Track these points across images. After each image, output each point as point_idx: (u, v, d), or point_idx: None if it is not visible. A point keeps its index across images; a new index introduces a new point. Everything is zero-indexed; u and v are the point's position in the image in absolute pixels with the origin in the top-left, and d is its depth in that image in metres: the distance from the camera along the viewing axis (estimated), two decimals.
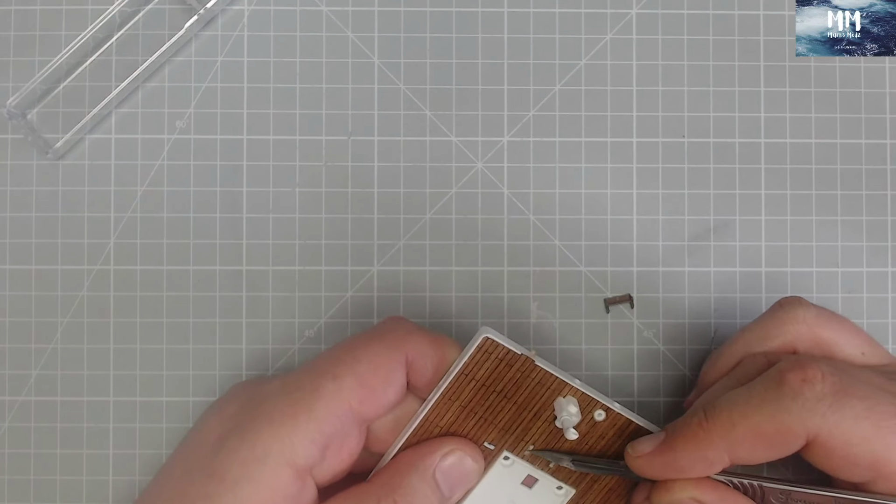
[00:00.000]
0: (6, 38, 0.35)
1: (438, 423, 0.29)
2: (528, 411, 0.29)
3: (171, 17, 0.35)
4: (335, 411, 0.27)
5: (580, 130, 0.35)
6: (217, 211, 0.34)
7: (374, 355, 0.28)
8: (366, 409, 0.27)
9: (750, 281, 0.35)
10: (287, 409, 0.27)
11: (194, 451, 0.27)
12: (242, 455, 0.26)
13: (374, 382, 0.27)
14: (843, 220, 0.35)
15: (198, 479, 0.26)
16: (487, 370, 0.28)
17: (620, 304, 0.34)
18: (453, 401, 0.29)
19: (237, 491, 0.26)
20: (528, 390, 0.29)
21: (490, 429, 0.29)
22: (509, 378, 0.28)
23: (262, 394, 0.28)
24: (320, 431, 0.26)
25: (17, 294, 0.34)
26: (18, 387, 0.34)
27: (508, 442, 0.29)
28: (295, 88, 0.35)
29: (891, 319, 0.35)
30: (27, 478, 0.34)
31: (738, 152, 0.35)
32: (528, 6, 0.35)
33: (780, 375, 0.27)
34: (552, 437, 0.29)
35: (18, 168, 0.35)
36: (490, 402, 0.29)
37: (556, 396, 0.29)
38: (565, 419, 0.28)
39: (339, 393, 0.27)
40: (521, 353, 0.28)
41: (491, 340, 0.28)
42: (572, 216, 0.35)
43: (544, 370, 0.28)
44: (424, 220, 0.35)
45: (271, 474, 0.26)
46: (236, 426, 0.27)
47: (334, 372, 0.27)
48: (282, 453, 0.26)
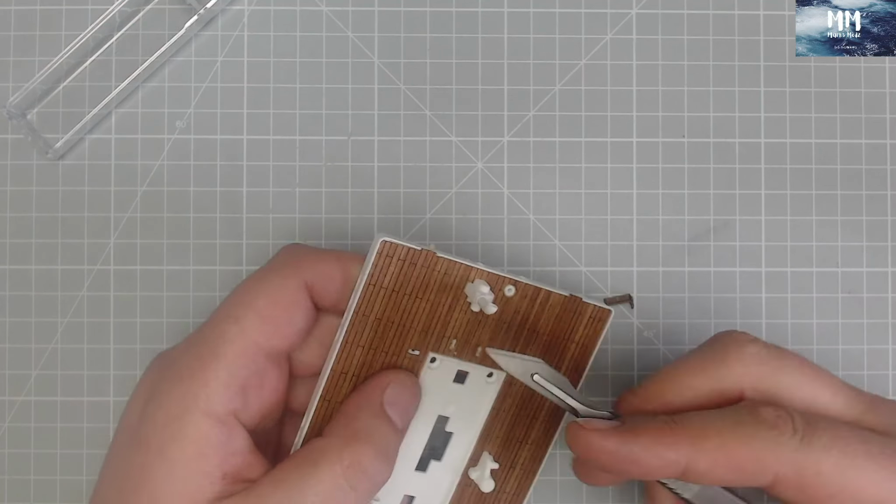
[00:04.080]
0: (6, 38, 0.35)
1: (359, 343, 0.28)
2: (443, 306, 0.29)
3: (171, 17, 0.35)
4: (243, 352, 0.26)
5: (580, 130, 0.35)
6: (217, 211, 0.34)
7: (272, 287, 0.27)
8: (274, 343, 0.27)
9: (750, 281, 0.35)
10: (194, 363, 0.26)
11: (123, 430, 0.27)
12: (161, 418, 0.26)
13: (276, 315, 0.27)
14: (843, 220, 0.35)
15: (130, 453, 0.26)
16: (393, 274, 0.28)
17: (620, 304, 0.34)
18: (367, 316, 0.28)
19: (165, 453, 0.25)
20: (437, 284, 0.28)
21: (410, 334, 0.29)
22: (416, 277, 0.28)
23: (171, 357, 0.28)
24: (232, 375, 0.26)
25: (17, 294, 0.34)
26: (18, 387, 0.34)
27: (431, 343, 0.29)
28: (295, 88, 0.35)
29: (891, 319, 0.35)
30: (27, 478, 0.34)
31: (738, 152, 0.35)
32: (528, 6, 0.35)
33: (754, 407, 0.26)
34: (471, 326, 0.29)
35: (18, 168, 0.35)
36: (403, 306, 0.28)
37: (465, 283, 0.29)
38: (481, 299, 0.28)
39: (243, 334, 0.27)
40: (421, 249, 0.28)
41: (389, 243, 0.27)
42: (572, 216, 0.35)
43: (448, 260, 0.28)
44: (424, 220, 0.35)
45: (194, 429, 0.26)
46: (151, 393, 0.27)
47: (234, 315, 0.27)
48: (197, 406, 0.26)
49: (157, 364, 0.28)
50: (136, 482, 0.25)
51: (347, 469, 0.26)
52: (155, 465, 0.25)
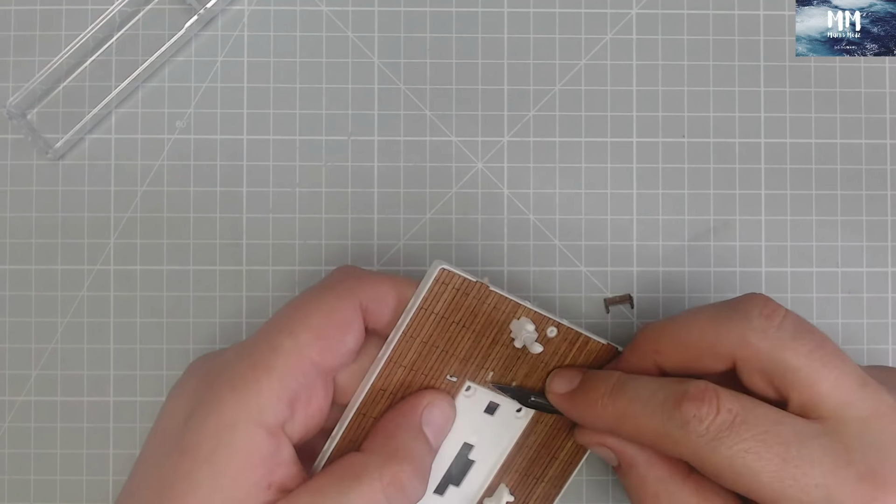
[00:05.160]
0: (6, 38, 0.35)
1: (402, 363, 0.29)
2: (486, 338, 0.29)
3: (171, 17, 0.35)
4: (296, 366, 0.27)
5: (580, 130, 0.35)
6: (217, 211, 0.34)
7: (327, 306, 0.28)
8: (327, 360, 0.27)
9: (750, 281, 0.35)
10: (248, 373, 0.27)
11: (164, 434, 0.27)
12: (211, 426, 0.26)
13: (330, 333, 0.27)
14: (843, 220, 0.35)
15: (174, 460, 0.26)
16: (445, 302, 0.28)
17: (620, 304, 0.34)
18: (415, 338, 0.29)
19: (214, 461, 0.25)
20: (485, 317, 0.29)
21: (451, 361, 0.30)
22: (466, 307, 0.29)
23: (220, 364, 0.28)
24: (285, 388, 0.26)
25: (17, 294, 0.34)
26: (18, 387, 0.34)
27: (469, 371, 0.30)
28: (295, 88, 0.35)
29: (891, 319, 0.35)
30: (27, 478, 0.34)
31: (738, 152, 0.35)
32: (528, 6, 0.35)
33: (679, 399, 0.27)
34: (510, 360, 0.30)
35: (18, 168, 0.35)
36: (450, 333, 0.29)
37: (511, 319, 0.29)
38: (526, 337, 0.29)
39: (298, 348, 0.27)
40: (476, 281, 0.28)
41: (447, 271, 0.28)
42: (572, 216, 0.35)
43: (499, 295, 0.29)
44: (424, 220, 0.35)
45: (244, 438, 0.26)
46: (200, 400, 0.27)
47: (290, 328, 0.27)
48: (250, 416, 0.26)
49: (202, 370, 0.28)
50: (183, 488, 0.25)
51: (388, 486, 0.27)
52: (203, 472, 0.25)
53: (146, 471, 0.27)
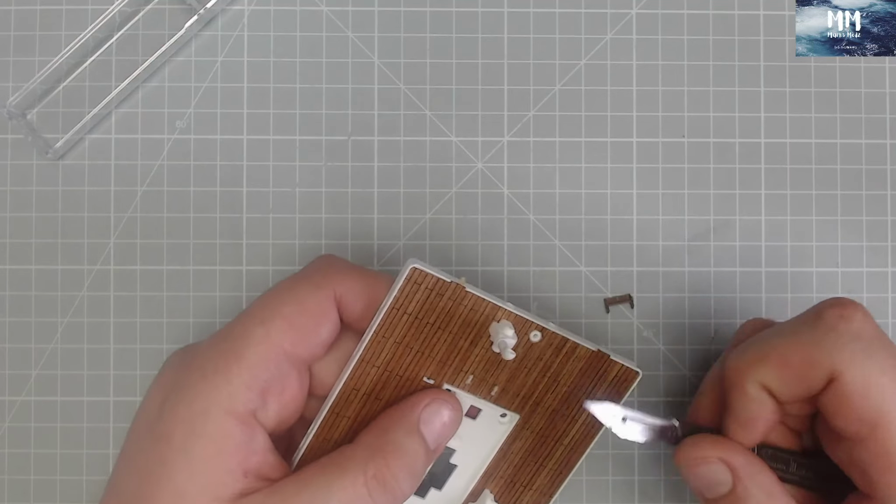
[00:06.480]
0: (6, 38, 0.35)
1: (375, 363, 0.28)
2: (464, 340, 0.28)
3: (171, 17, 0.35)
4: (267, 355, 0.27)
5: (580, 130, 0.35)
6: (217, 211, 0.34)
7: (302, 296, 0.27)
8: (299, 350, 0.27)
9: (750, 281, 0.35)
10: (219, 361, 0.26)
11: (141, 423, 0.27)
12: (183, 414, 0.26)
13: (303, 323, 0.27)
14: (843, 220, 0.35)
15: (148, 447, 0.26)
16: (419, 302, 0.28)
17: (620, 304, 0.34)
18: (388, 337, 0.28)
19: (187, 448, 0.26)
20: (462, 319, 0.28)
21: (427, 363, 0.29)
22: (441, 308, 0.28)
23: (194, 353, 0.28)
24: (255, 377, 0.26)
25: (17, 294, 0.34)
26: (18, 387, 0.34)
27: (448, 374, 0.29)
28: (295, 88, 0.35)
29: (891, 319, 0.35)
30: (27, 478, 0.34)
31: (738, 152, 0.35)
32: (528, 6, 0.35)
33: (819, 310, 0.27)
34: (490, 364, 0.29)
35: (18, 168, 0.35)
36: (425, 334, 0.28)
37: (490, 322, 0.28)
38: (502, 342, 0.27)
39: (269, 337, 0.27)
40: (451, 281, 0.27)
41: (419, 270, 0.27)
42: (572, 216, 0.35)
43: (476, 296, 0.28)
44: (424, 220, 0.35)
45: (216, 426, 0.26)
46: (173, 388, 0.27)
47: (261, 317, 0.27)
48: (220, 404, 0.26)
49: (179, 358, 0.28)
50: (159, 476, 0.26)
51: (371, 480, 0.27)
52: (178, 460, 0.25)
53: (126, 458, 0.27)
